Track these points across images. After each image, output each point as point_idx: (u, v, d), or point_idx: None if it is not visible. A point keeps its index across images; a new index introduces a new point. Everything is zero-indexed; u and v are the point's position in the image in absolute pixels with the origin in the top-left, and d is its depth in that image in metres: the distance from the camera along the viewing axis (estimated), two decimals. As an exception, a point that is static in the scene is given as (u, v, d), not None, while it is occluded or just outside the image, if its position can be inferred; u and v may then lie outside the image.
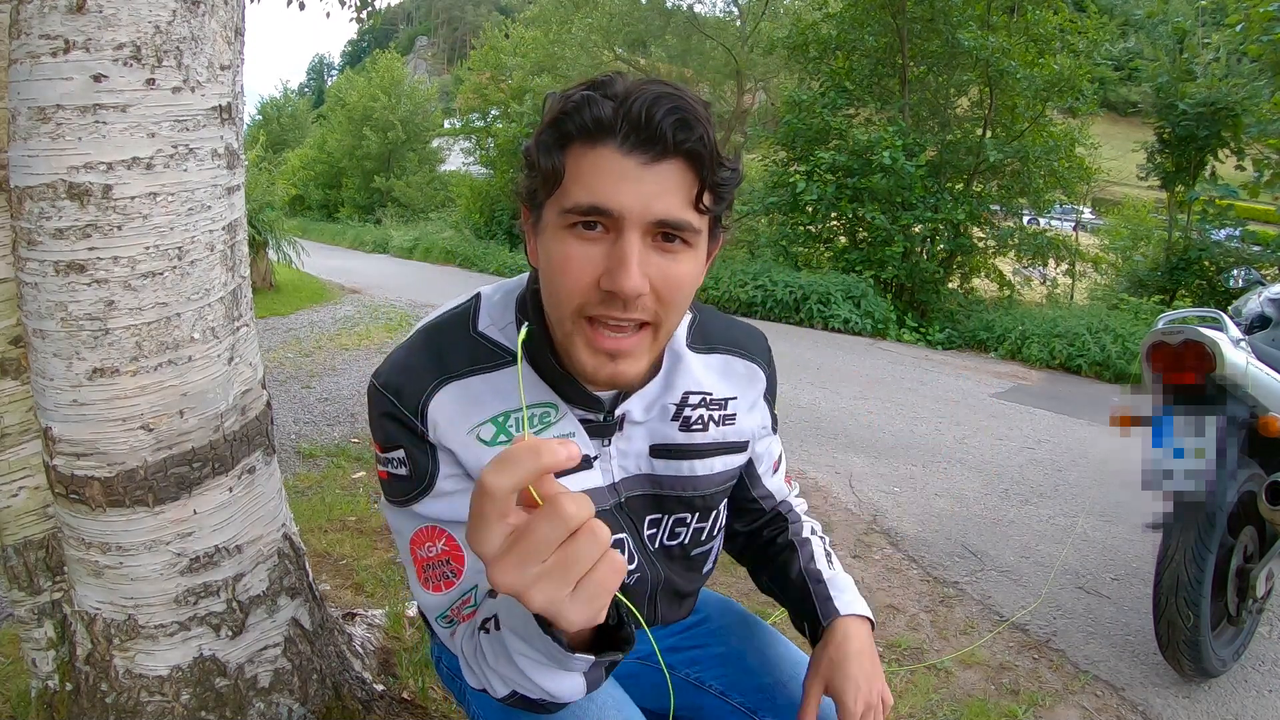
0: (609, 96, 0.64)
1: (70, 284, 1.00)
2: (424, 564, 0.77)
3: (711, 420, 0.86)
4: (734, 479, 0.92)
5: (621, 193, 0.64)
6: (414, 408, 0.75)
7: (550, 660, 0.60)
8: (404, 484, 0.77)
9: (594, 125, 0.64)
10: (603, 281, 0.65)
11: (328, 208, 24.37)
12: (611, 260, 0.65)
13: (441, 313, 0.83)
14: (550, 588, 0.46)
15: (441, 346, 0.78)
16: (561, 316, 0.69)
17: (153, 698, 1.17)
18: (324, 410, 4.04)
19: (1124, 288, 8.71)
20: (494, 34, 18.37)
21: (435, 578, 0.77)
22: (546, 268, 0.69)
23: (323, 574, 2.15)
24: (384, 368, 0.78)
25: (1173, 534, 1.76)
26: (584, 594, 0.47)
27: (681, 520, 0.89)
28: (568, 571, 0.46)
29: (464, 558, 0.76)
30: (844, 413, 4.48)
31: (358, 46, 69.28)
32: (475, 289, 0.85)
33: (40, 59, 0.95)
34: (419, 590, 0.78)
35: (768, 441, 0.96)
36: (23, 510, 1.23)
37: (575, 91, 0.66)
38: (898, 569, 2.52)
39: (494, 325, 0.79)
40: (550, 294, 0.70)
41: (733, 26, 14.46)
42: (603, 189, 0.64)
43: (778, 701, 0.91)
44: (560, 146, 0.66)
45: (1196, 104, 7.50)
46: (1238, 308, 2.45)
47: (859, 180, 8.25)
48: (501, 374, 0.77)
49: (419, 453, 0.76)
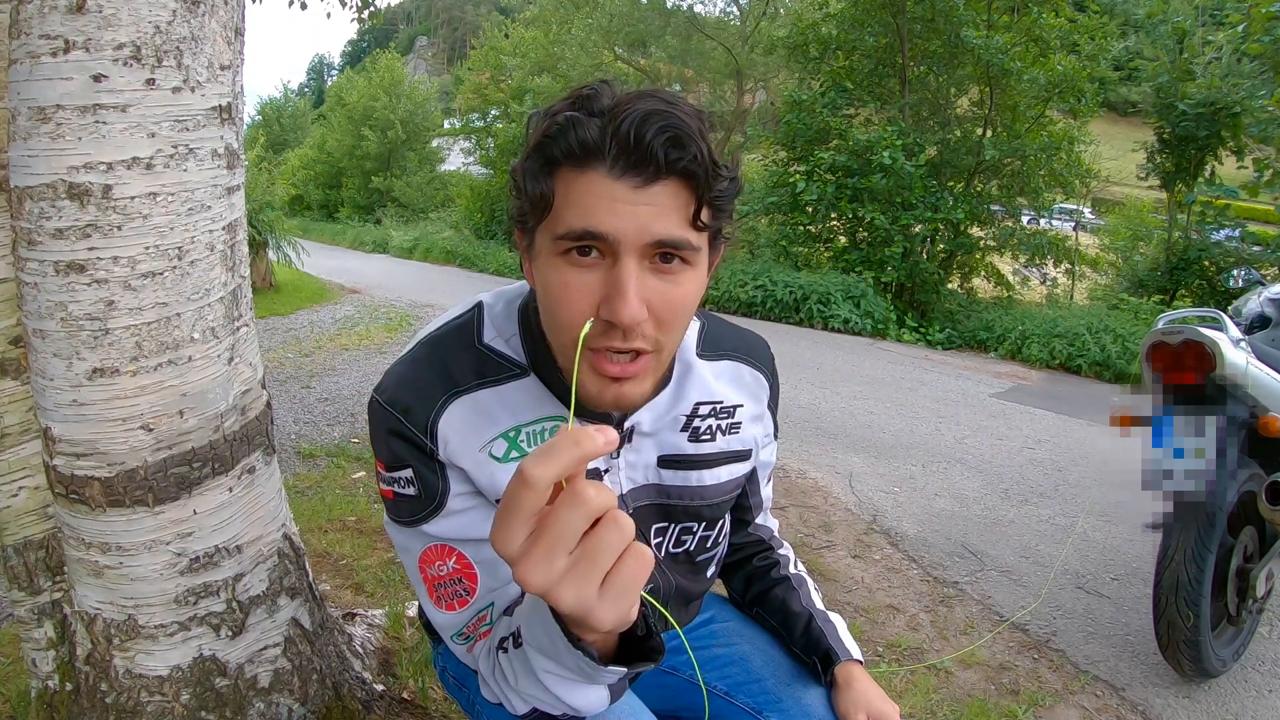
0: (595, 114, 0.61)
1: (70, 284, 1.00)
2: (435, 583, 0.76)
3: (719, 430, 0.86)
4: (740, 488, 0.92)
5: (616, 216, 0.61)
6: (424, 425, 0.72)
7: (579, 675, 0.59)
8: (412, 504, 0.75)
9: (581, 149, 0.61)
10: (601, 310, 0.62)
11: (328, 208, 24.38)
12: (609, 288, 0.62)
13: (442, 323, 0.80)
14: (579, 582, 0.45)
15: (446, 360, 0.75)
16: (563, 344, 0.68)
17: (153, 698, 1.17)
18: (324, 410, 4.05)
19: (1124, 288, 8.72)
20: (494, 34, 18.37)
21: (448, 596, 0.75)
22: (544, 295, 0.67)
23: (323, 574, 2.15)
24: (388, 383, 0.75)
25: (1173, 534, 1.76)
26: (613, 590, 0.46)
27: (688, 529, 0.89)
28: (594, 563, 0.45)
29: (477, 575, 0.74)
30: (844, 413, 4.48)
31: (358, 46, 69.28)
32: (475, 296, 0.83)
33: (40, 59, 0.95)
34: (431, 609, 0.77)
35: (770, 449, 0.96)
36: (23, 510, 1.23)
37: (560, 110, 0.63)
38: (898, 569, 2.52)
39: (499, 337, 0.77)
40: (549, 321, 0.68)
41: (733, 26, 14.47)
42: (595, 214, 0.61)
43: (783, 702, 0.91)
44: (548, 171, 0.63)
45: (1196, 104, 7.50)
46: (1238, 308, 2.45)
47: (859, 180, 8.25)
48: (510, 387, 0.75)
49: (428, 471, 0.73)
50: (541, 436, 0.76)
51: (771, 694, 0.92)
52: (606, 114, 0.61)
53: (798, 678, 0.93)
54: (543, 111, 0.65)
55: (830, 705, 0.90)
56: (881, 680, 1.84)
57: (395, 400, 0.74)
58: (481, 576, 0.74)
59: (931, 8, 8.06)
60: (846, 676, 0.91)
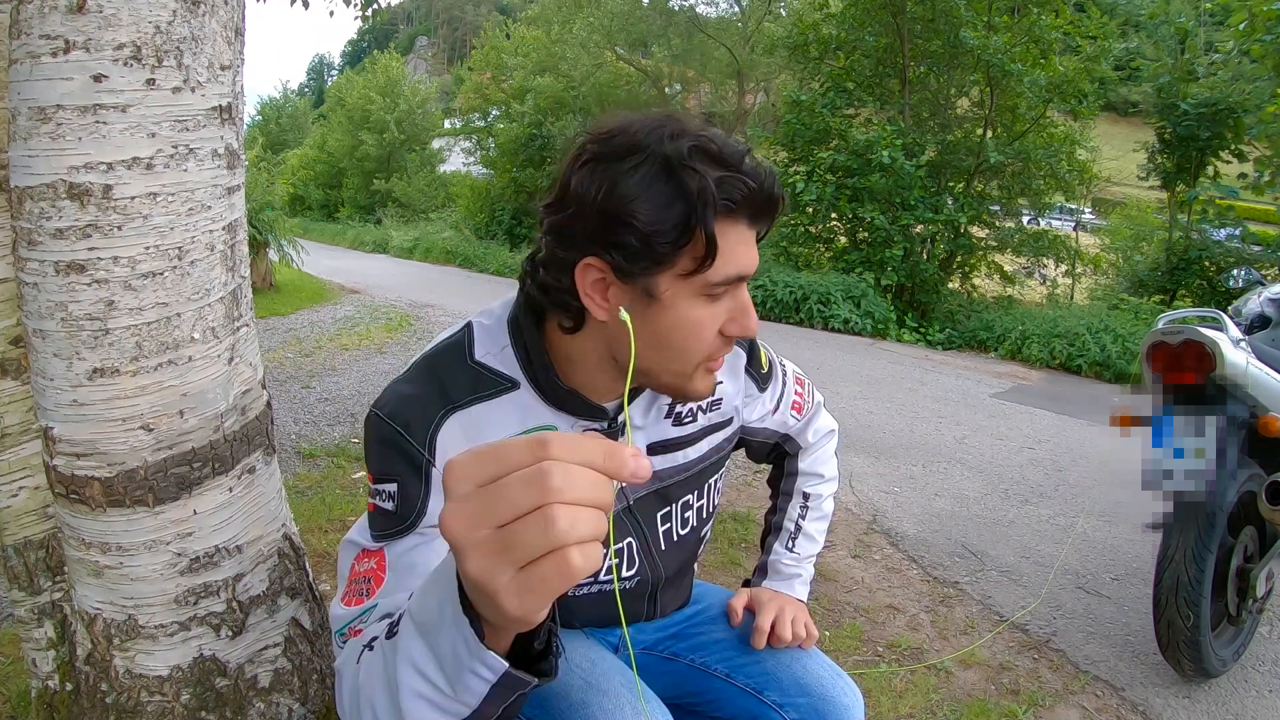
0: (741, 172, 0.69)
1: (70, 284, 1.00)
2: (353, 578, 0.75)
3: (700, 410, 0.92)
4: (724, 451, 0.98)
5: (751, 259, 0.73)
6: (423, 439, 0.74)
7: (450, 666, 0.49)
8: (386, 519, 0.74)
9: (734, 204, 0.69)
10: (728, 328, 0.74)
11: (328, 208, 24.39)
12: (734, 311, 0.74)
13: (437, 344, 0.83)
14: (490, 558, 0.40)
15: (442, 377, 0.78)
16: (685, 369, 0.75)
17: (153, 698, 1.17)
18: (324, 410, 4.04)
19: (1124, 288, 8.71)
20: (495, 34, 18.35)
21: (353, 592, 0.74)
22: (675, 332, 0.73)
23: (323, 574, 2.15)
24: (387, 398, 0.77)
25: (1173, 534, 1.75)
26: (528, 581, 0.40)
27: (687, 504, 0.95)
28: (508, 552, 0.40)
29: (383, 580, 0.72)
30: (844, 413, 4.48)
31: (358, 46, 69.30)
32: (464, 318, 0.85)
33: (40, 59, 0.96)
34: (335, 601, 0.75)
35: (754, 405, 1.02)
36: (23, 510, 1.23)
37: (703, 169, 0.67)
38: (898, 569, 2.52)
39: (489, 353, 0.80)
40: (677, 353, 0.74)
41: (735, 26, 14.46)
42: (745, 260, 0.72)
43: (782, 681, 0.94)
44: (700, 222, 0.67)
45: (1198, 104, 7.49)
46: (1238, 308, 2.45)
47: (859, 180, 8.25)
48: (501, 401, 0.78)
49: (413, 490, 0.74)
50: None
51: (770, 673, 0.95)
52: (738, 167, 0.69)
53: (796, 657, 0.97)
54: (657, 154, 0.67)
55: (828, 671, 0.96)
56: (881, 680, 1.84)
57: (396, 415, 0.75)
58: (387, 579, 0.72)
59: (932, 8, 8.06)
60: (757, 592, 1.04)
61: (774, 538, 1.11)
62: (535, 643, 0.51)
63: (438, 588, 0.49)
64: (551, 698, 0.80)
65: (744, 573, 2.32)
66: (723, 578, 2.32)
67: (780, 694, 0.93)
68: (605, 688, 0.80)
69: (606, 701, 0.79)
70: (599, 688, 0.80)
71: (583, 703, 0.79)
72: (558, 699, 0.80)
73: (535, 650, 0.52)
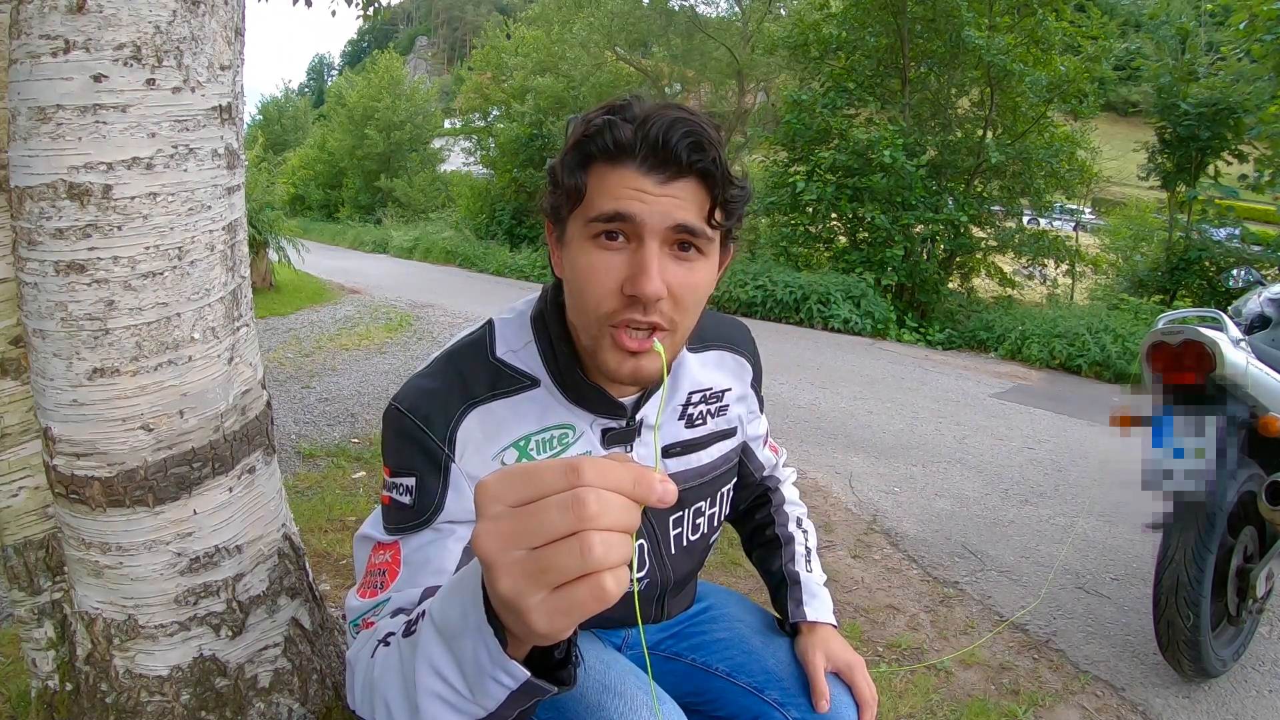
0: (628, 119, 0.69)
1: (70, 284, 1.00)
2: (369, 569, 0.76)
3: (709, 413, 0.94)
4: (733, 461, 1.00)
5: (642, 203, 0.69)
6: (444, 434, 0.75)
7: (470, 673, 0.50)
8: (402, 513, 0.75)
9: (615, 147, 0.69)
10: (625, 286, 0.70)
11: (328, 208, 24.40)
12: (633, 267, 0.69)
13: (457, 340, 0.84)
14: (522, 579, 0.40)
15: (463, 372, 0.80)
16: (588, 322, 0.73)
17: (153, 698, 1.17)
18: (324, 410, 4.04)
19: (1124, 288, 8.71)
20: (495, 34, 18.34)
21: (369, 584, 0.75)
22: (573, 277, 0.73)
23: (323, 574, 2.15)
24: (407, 392, 0.79)
25: (1173, 534, 1.76)
26: (559, 603, 0.40)
27: (699, 511, 0.95)
28: (544, 574, 0.40)
29: (397, 574, 0.73)
30: (844, 413, 4.48)
31: (358, 46, 69.33)
32: (487, 315, 0.87)
33: (40, 59, 0.96)
34: (351, 593, 0.75)
35: (757, 423, 1.05)
36: (23, 510, 1.23)
37: (597, 116, 0.70)
38: (898, 569, 2.52)
39: (510, 350, 0.82)
40: (577, 302, 0.74)
41: (735, 26, 14.46)
42: (624, 200, 0.69)
43: (784, 680, 0.94)
44: (583, 166, 0.71)
45: (1198, 104, 7.49)
46: (1238, 308, 2.45)
47: (859, 180, 8.25)
48: (521, 398, 0.80)
49: (431, 484, 0.75)
50: (550, 444, 0.80)
51: (772, 673, 0.95)
52: (638, 119, 0.69)
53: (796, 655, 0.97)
54: (581, 117, 0.73)
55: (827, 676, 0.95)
56: (881, 680, 1.84)
57: (416, 409, 0.77)
58: (401, 574, 0.73)
59: (933, 8, 8.06)
60: (809, 628, 0.99)
61: (788, 554, 1.07)
62: (555, 651, 0.52)
63: (461, 595, 0.50)
64: (566, 699, 0.80)
65: (744, 572, 2.32)
66: (723, 578, 2.32)
67: (781, 693, 0.93)
68: (620, 689, 0.80)
69: (621, 703, 0.79)
70: (614, 689, 0.80)
71: (598, 705, 0.79)
72: (573, 700, 0.80)
73: (555, 659, 0.52)
